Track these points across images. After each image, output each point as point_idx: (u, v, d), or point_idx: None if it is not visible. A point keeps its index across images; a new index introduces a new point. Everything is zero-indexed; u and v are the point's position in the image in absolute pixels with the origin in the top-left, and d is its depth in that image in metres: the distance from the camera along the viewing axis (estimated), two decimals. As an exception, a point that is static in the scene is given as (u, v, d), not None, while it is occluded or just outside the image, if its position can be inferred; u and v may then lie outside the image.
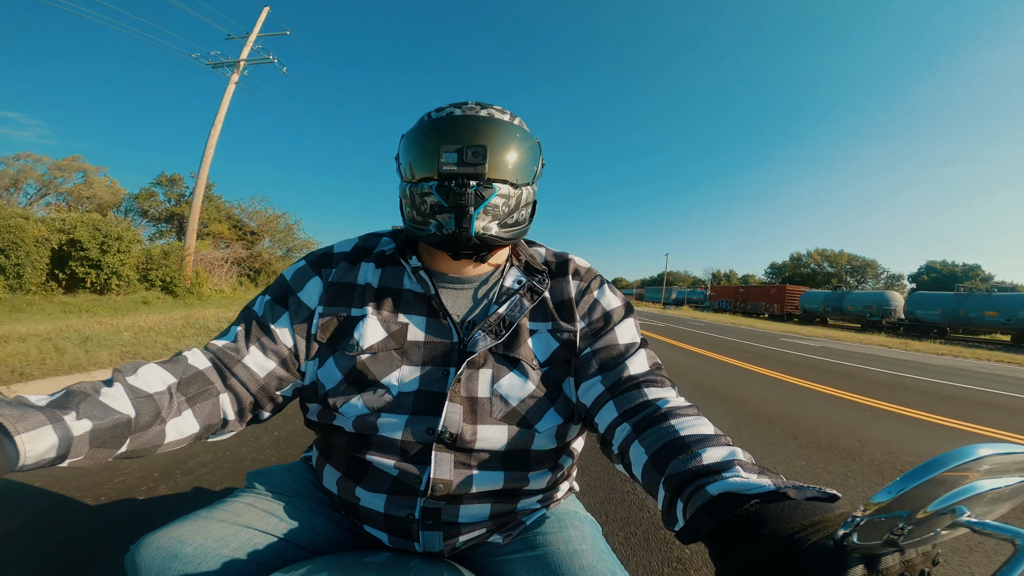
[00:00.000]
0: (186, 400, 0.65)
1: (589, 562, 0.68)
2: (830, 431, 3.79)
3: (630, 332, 0.78)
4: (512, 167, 0.74)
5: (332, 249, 0.83)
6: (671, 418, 0.60)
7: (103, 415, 0.55)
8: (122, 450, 0.58)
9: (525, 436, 0.72)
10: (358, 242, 0.84)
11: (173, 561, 0.59)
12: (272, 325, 0.75)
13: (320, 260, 0.81)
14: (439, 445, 0.69)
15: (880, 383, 6.75)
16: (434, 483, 0.68)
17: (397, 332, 0.74)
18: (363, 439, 0.71)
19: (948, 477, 0.29)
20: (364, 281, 0.78)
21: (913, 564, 0.32)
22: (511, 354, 0.73)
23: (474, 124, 0.73)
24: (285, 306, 0.77)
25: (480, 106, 0.76)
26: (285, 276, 0.80)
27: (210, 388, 0.68)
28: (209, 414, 0.67)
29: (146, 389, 0.61)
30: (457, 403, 0.70)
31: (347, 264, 0.80)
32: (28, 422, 0.48)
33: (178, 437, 0.64)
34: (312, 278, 0.79)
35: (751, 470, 0.47)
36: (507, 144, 0.74)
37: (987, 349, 17.37)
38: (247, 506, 0.72)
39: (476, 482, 0.70)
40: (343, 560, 0.65)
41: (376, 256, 0.81)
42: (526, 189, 0.76)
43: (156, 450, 0.63)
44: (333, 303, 0.76)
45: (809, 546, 0.33)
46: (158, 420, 0.61)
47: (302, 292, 0.78)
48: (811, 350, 11.53)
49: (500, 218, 0.73)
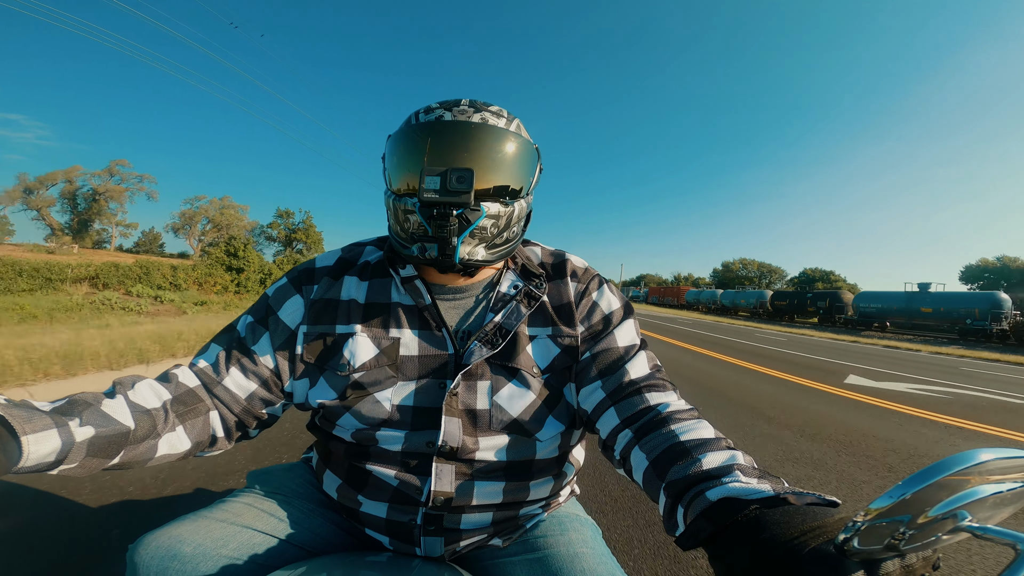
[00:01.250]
0: (177, 416, 0.66)
1: (590, 565, 0.68)
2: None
3: (630, 334, 0.76)
4: (504, 183, 0.70)
5: (314, 264, 0.79)
6: (671, 423, 0.60)
7: (105, 424, 0.56)
8: (114, 461, 0.59)
9: (527, 445, 0.71)
10: (341, 254, 0.81)
11: (172, 560, 0.59)
12: (252, 347, 0.73)
13: (301, 277, 0.78)
14: (439, 458, 0.68)
15: (687, 333, 14.66)
16: (435, 495, 0.67)
17: (389, 348, 0.71)
18: (362, 449, 0.71)
19: (950, 482, 0.29)
20: (348, 296, 0.75)
21: (914, 569, 0.32)
22: (510, 364, 0.71)
23: (463, 134, 0.68)
24: (266, 326, 0.75)
25: (473, 108, 0.71)
26: (267, 294, 0.78)
27: (200, 406, 0.69)
28: (200, 431, 0.68)
29: (144, 404, 0.62)
30: (455, 416, 0.68)
31: (329, 279, 0.76)
32: (35, 424, 0.49)
33: (169, 452, 0.65)
34: (292, 296, 0.76)
35: (751, 475, 0.47)
36: (500, 157, 0.69)
37: (755, 321, 33.72)
38: (247, 506, 0.72)
39: (478, 493, 0.70)
40: (344, 559, 0.65)
41: (360, 268, 0.78)
42: (519, 204, 0.72)
43: (146, 464, 0.63)
44: (317, 321, 0.74)
45: (809, 551, 0.33)
46: (153, 435, 0.62)
47: (282, 311, 0.75)
48: (670, 320, 23.76)
49: (488, 240, 0.70)
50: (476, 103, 0.72)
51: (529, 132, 0.79)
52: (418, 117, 0.71)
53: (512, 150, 0.71)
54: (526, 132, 0.77)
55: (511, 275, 0.79)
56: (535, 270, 0.80)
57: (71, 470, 0.55)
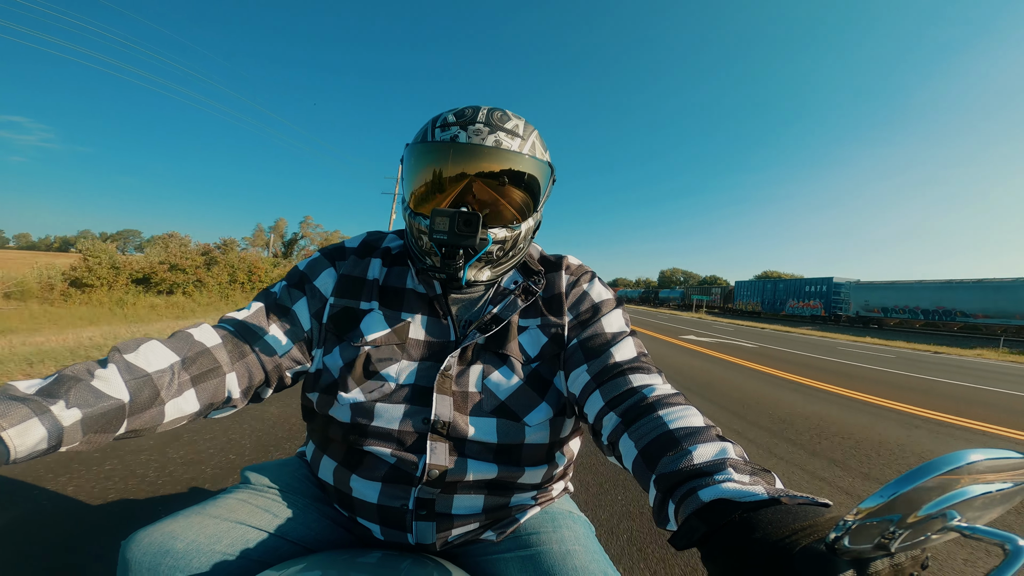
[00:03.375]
0: (190, 379, 0.65)
1: (582, 562, 0.68)
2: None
3: (618, 322, 0.78)
4: (514, 210, 0.75)
5: (344, 244, 0.86)
6: (659, 408, 0.60)
7: (94, 401, 0.54)
8: (120, 431, 0.58)
9: (516, 429, 0.72)
10: (365, 237, 0.87)
11: (164, 557, 0.59)
12: (292, 307, 0.77)
13: (334, 253, 0.84)
14: (434, 435, 0.70)
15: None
16: (430, 468, 0.69)
17: (400, 328, 0.76)
18: (361, 429, 0.71)
19: (939, 482, 0.29)
20: (372, 276, 0.81)
21: (902, 568, 0.32)
22: (500, 350, 0.75)
23: (475, 159, 0.72)
24: (303, 292, 0.79)
25: (488, 127, 0.72)
26: (299, 267, 0.83)
27: (217, 368, 0.68)
28: (213, 393, 0.67)
29: (145, 368, 0.60)
30: (447, 396, 0.71)
31: (356, 258, 0.82)
32: (13, 417, 0.47)
33: (178, 415, 0.64)
34: (327, 268, 0.81)
35: (743, 471, 0.46)
36: (510, 184, 0.73)
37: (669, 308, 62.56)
38: (241, 502, 0.72)
39: (471, 470, 0.71)
40: (336, 559, 0.65)
41: (383, 252, 0.84)
42: (527, 223, 0.77)
43: (156, 429, 0.62)
44: (344, 295, 0.79)
45: (800, 550, 0.33)
46: (156, 401, 0.60)
47: (318, 280, 0.80)
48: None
49: (494, 262, 0.77)
50: (492, 119, 0.74)
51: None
52: (434, 133, 0.74)
53: (523, 176, 0.74)
54: (542, 147, 0.79)
55: (512, 271, 0.84)
56: (535, 267, 0.83)
57: (76, 448, 0.53)
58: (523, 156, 0.74)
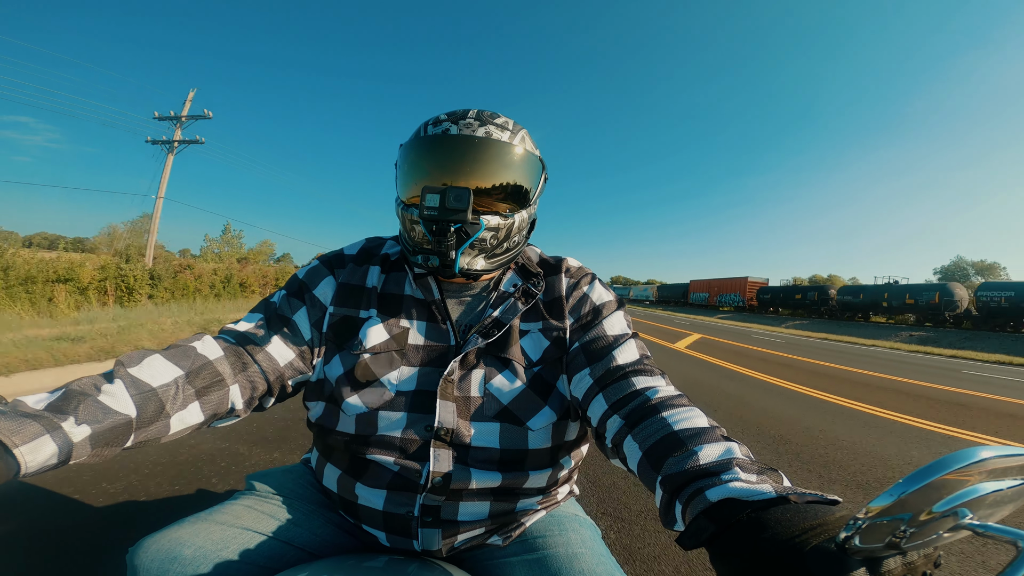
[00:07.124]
0: (194, 392, 0.65)
1: (589, 566, 0.68)
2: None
3: (619, 324, 0.78)
4: (505, 197, 0.74)
5: (342, 251, 0.86)
6: (663, 410, 0.60)
7: (102, 417, 0.54)
8: (127, 445, 0.58)
9: (519, 434, 0.72)
10: (364, 244, 0.87)
11: (172, 563, 0.59)
12: (292, 317, 0.77)
13: (332, 261, 0.84)
14: (437, 442, 0.69)
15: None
16: (433, 475, 0.68)
17: (399, 335, 0.76)
18: (364, 438, 0.71)
19: (950, 480, 0.29)
20: (371, 284, 0.81)
21: (915, 566, 0.32)
22: (502, 355, 0.74)
23: (466, 149, 0.72)
24: (303, 301, 0.79)
25: (479, 121, 0.74)
26: (298, 275, 0.82)
27: (220, 380, 0.68)
28: (217, 405, 0.67)
29: (150, 383, 0.61)
30: (450, 401, 0.71)
31: (354, 266, 0.82)
32: (25, 434, 0.47)
33: (182, 427, 0.64)
34: (326, 277, 0.81)
35: (750, 470, 0.46)
36: (501, 171, 0.73)
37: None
38: (247, 508, 0.72)
39: (475, 478, 0.70)
40: (342, 564, 0.65)
41: (381, 259, 0.84)
42: (520, 215, 0.76)
43: (160, 441, 0.63)
44: (343, 304, 0.79)
45: (811, 549, 0.33)
46: (162, 415, 0.61)
47: (317, 289, 0.80)
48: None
49: (488, 251, 0.75)
50: (483, 115, 0.76)
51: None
52: (426, 129, 0.76)
53: (514, 164, 0.75)
54: (531, 143, 0.80)
55: (511, 274, 0.83)
56: (533, 269, 0.83)
57: (83, 461, 0.54)
58: (513, 146, 0.74)
